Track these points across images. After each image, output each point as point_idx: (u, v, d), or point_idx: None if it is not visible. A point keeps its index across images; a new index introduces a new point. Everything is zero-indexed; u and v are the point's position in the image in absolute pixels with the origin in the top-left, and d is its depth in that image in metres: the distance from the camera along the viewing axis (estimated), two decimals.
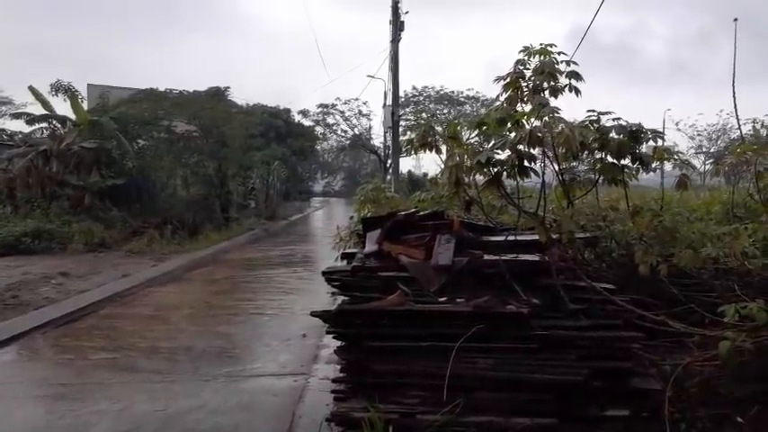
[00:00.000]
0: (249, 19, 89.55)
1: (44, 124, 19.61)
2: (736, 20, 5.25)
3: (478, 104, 46.56)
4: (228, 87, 29.42)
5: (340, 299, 4.87)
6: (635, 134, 4.12)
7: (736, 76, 4.97)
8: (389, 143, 31.24)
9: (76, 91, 19.66)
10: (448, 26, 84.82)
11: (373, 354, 3.95)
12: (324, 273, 4.67)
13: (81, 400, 5.15)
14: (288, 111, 42.83)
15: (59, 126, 19.36)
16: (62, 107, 20.19)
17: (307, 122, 48.46)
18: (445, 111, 48.36)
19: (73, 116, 19.28)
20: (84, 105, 20.72)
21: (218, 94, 27.82)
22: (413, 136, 5.24)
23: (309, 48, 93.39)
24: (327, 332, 4.11)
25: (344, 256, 5.37)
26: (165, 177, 20.07)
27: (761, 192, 4.29)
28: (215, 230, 18.83)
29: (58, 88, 19.27)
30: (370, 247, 4.95)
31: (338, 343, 4.17)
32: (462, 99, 48.69)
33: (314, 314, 4.16)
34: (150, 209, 18.43)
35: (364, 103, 49.78)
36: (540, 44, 4.66)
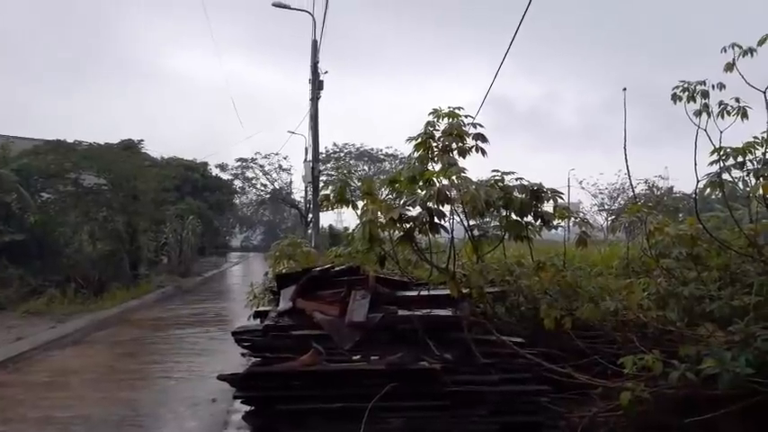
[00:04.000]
0: (170, 75, 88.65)
1: None
2: (624, 89, 5.74)
3: (397, 162, 47.68)
4: (142, 140, 28.60)
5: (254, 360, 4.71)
6: (536, 193, 4.35)
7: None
8: (310, 197, 31.26)
9: None
10: (371, 86, 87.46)
11: (283, 418, 3.82)
12: (234, 333, 4.53)
13: None
14: (205, 164, 42.04)
15: None
16: None
17: (225, 176, 47.74)
18: (365, 167, 49.11)
19: None
20: None
21: (131, 147, 26.95)
22: (329, 192, 5.28)
23: (231, 102, 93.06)
24: (235, 397, 3.95)
25: (257, 314, 5.24)
26: (70, 232, 18.97)
27: (652, 248, 4.60)
28: (123, 288, 17.85)
29: None
30: (284, 304, 4.87)
31: (249, 407, 4.01)
32: (382, 156, 49.70)
33: (221, 378, 4.00)
34: (52, 266, 17.28)
35: (285, 158, 49.74)
36: (449, 107, 4.90)
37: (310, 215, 31.64)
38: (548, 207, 4.63)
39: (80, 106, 76.64)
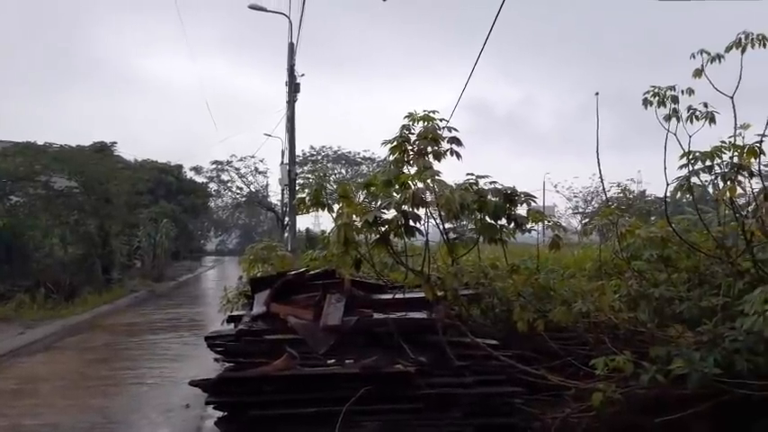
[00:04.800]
0: (146, 78, 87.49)
1: None
2: (597, 94, 5.82)
3: (375, 165, 47.67)
4: (115, 143, 28.17)
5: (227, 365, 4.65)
6: (509, 197, 4.39)
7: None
8: (287, 200, 31.07)
9: None
10: (349, 89, 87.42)
11: (256, 423, 3.78)
12: (207, 338, 4.48)
13: None
14: (180, 167, 41.58)
15: None
16: None
17: (200, 179, 47.25)
18: (342, 170, 49.03)
19: None
20: None
21: (103, 149, 26.53)
22: (304, 195, 5.25)
23: (208, 104, 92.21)
24: (207, 402, 3.90)
25: (231, 319, 5.18)
26: (40, 236, 18.58)
27: (623, 250, 4.67)
28: (95, 293, 17.53)
29: None
30: (258, 308, 4.83)
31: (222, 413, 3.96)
32: (359, 159, 49.68)
33: (193, 383, 3.94)
34: (21, 271, 16.89)
35: (261, 161, 49.34)
36: (424, 111, 4.92)
37: (287, 218, 31.44)
38: (521, 210, 4.68)
39: (52, 109, 75.20)
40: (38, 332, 11.91)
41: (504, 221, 4.59)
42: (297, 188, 21.51)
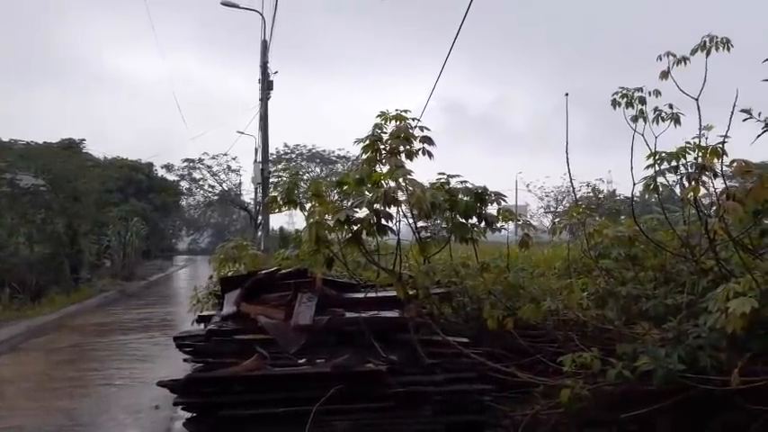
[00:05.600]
0: (116, 75, 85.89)
1: None
2: (567, 95, 5.91)
3: (349, 164, 47.55)
4: (84, 140, 27.72)
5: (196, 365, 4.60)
6: (480, 196, 4.42)
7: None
8: (260, 199, 30.83)
9: None
10: (324, 87, 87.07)
11: (226, 424, 3.75)
12: (176, 338, 4.42)
13: None
14: (150, 165, 40.93)
15: None
16: None
17: (172, 177, 46.55)
18: (317, 169, 48.78)
19: None
20: None
21: (71, 147, 26.04)
22: (277, 193, 5.22)
23: (180, 102, 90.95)
24: (175, 403, 3.85)
25: (200, 319, 5.12)
26: (5, 235, 18.14)
27: (592, 249, 4.74)
28: (62, 293, 17.18)
29: None
30: (229, 308, 4.78)
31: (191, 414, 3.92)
32: (334, 158, 49.47)
33: (161, 384, 3.89)
34: None
35: (234, 159, 48.80)
36: (396, 110, 4.92)
37: (260, 217, 31.22)
38: (492, 210, 4.72)
39: (18, 106, 73.34)
40: (2, 333, 11.63)
41: (474, 220, 4.62)
42: (270, 186, 21.38)
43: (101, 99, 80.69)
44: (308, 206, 4.82)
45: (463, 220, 4.59)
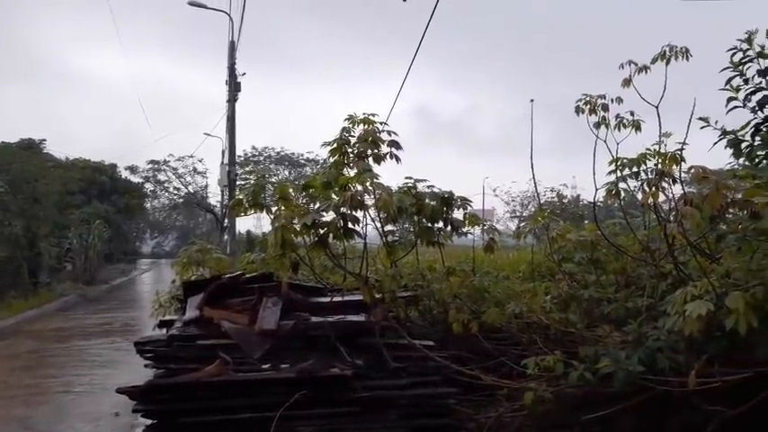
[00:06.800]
0: (80, 75, 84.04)
1: None
2: (532, 101, 5.96)
3: (318, 167, 47.31)
4: (44, 140, 27.00)
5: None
6: (446, 200, 4.45)
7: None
8: (227, 202, 30.42)
9: None
10: (295, 89, 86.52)
11: (187, 431, 3.67)
12: (136, 343, 4.32)
13: None
14: (114, 166, 40.07)
15: None
16: None
17: (136, 179, 45.64)
18: (286, 172, 48.39)
19: None
20: None
21: (31, 147, 25.34)
22: (242, 196, 5.16)
23: (146, 103, 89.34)
24: (134, 410, 3.76)
25: (162, 324, 5.02)
26: None
27: (555, 253, 4.81)
28: (20, 297, 16.70)
29: None
30: (191, 313, 4.69)
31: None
32: (303, 161, 49.13)
33: (119, 391, 3.79)
34: None
35: (200, 161, 48.06)
36: (364, 113, 4.92)
37: (227, 220, 30.83)
38: (458, 214, 4.74)
39: None
40: None
41: (441, 224, 4.65)
42: (237, 189, 21.14)
43: (64, 99, 78.87)
44: (274, 209, 4.77)
45: (430, 225, 4.61)
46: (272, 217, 4.73)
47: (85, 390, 7.87)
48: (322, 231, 4.39)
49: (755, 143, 4.98)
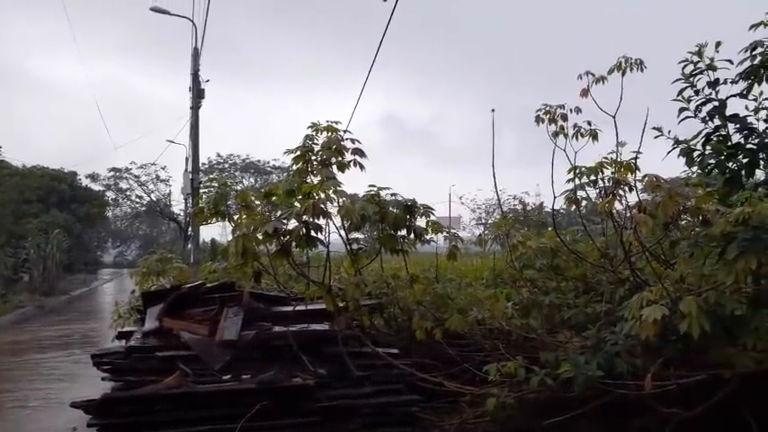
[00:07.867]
0: (38, 80, 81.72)
1: None
2: (493, 110, 6.05)
3: (285, 174, 46.87)
4: (0, 146, 26.13)
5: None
6: (409, 208, 4.47)
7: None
8: (190, 210, 29.93)
9: None
10: (261, 97, 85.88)
11: None
12: (93, 356, 4.21)
13: None
14: (74, 174, 39.04)
15: None
16: None
17: (97, 187, 44.54)
18: (252, 179, 47.89)
19: None
20: None
21: None
22: (203, 204, 5.09)
23: (107, 109, 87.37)
24: (89, 425, 3.65)
25: (121, 335, 4.90)
26: None
27: (516, 260, 4.87)
28: None
29: None
30: (151, 324, 4.60)
31: None
32: (269, 168, 48.69)
33: (74, 405, 3.69)
34: None
35: (163, 168, 47.19)
36: (327, 121, 4.90)
37: (190, 229, 30.35)
38: (421, 222, 4.77)
39: None
40: None
41: (404, 232, 4.66)
42: (201, 197, 20.84)
43: (21, 105, 76.58)
44: (236, 217, 4.72)
45: (393, 232, 4.62)
46: (233, 225, 4.68)
47: (41, 404, 7.59)
48: (284, 239, 4.36)
49: (706, 152, 5.15)
